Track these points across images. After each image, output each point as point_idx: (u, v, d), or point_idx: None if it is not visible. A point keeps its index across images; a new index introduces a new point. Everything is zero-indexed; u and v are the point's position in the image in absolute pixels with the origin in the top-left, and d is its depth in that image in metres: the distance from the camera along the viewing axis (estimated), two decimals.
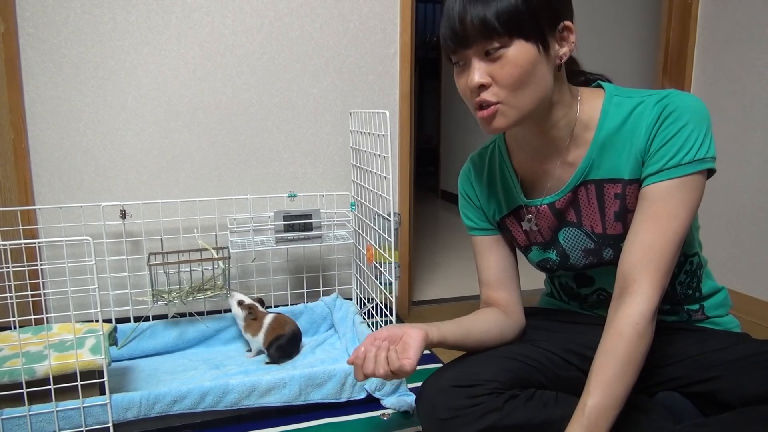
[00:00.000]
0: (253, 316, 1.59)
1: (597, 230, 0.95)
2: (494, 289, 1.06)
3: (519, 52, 0.81)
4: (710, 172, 0.86)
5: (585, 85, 0.97)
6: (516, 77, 0.82)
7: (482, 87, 0.84)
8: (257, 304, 1.62)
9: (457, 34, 0.82)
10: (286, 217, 1.68)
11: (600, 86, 0.95)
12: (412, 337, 0.89)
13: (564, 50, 0.86)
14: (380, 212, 1.61)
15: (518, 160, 1.01)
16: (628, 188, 0.90)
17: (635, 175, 0.89)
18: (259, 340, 1.57)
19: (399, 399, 1.35)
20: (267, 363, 1.57)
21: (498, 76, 0.82)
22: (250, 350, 1.63)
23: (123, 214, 1.63)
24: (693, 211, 0.85)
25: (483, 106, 0.85)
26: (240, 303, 1.61)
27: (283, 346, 1.56)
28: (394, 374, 0.87)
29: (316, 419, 1.31)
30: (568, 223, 0.98)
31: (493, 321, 1.02)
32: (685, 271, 0.99)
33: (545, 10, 0.81)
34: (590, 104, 0.92)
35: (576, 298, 1.09)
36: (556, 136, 0.93)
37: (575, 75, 0.97)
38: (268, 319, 1.58)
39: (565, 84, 0.91)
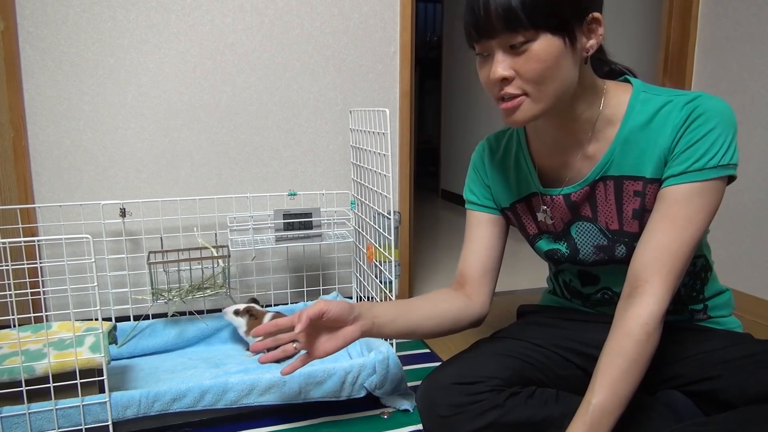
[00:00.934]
0: (254, 317, 1.58)
1: (612, 227, 0.94)
2: (470, 269, 1.05)
3: (544, 46, 0.79)
4: (730, 179, 0.85)
5: (609, 76, 0.95)
6: (540, 72, 0.80)
7: (505, 80, 0.82)
8: (254, 305, 1.62)
9: (480, 24, 0.80)
10: (286, 216, 1.68)
11: (627, 80, 0.93)
12: (345, 336, 0.92)
13: (591, 43, 0.84)
14: (380, 211, 1.61)
15: (536, 149, 1.00)
16: (649, 187, 0.89)
17: (657, 175, 0.87)
18: (257, 339, 1.56)
19: (399, 397, 1.34)
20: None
21: (522, 70, 0.81)
22: (248, 349, 1.63)
23: (123, 213, 1.63)
24: (711, 216, 0.84)
25: (506, 98, 0.83)
26: (237, 312, 1.59)
27: None
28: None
29: (316, 418, 1.30)
30: (582, 217, 0.97)
31: (446, 314, 1.01)
32: (689, 272, 0.99)
33: (570, 2, 0.79)
34: (616, 99, 0.90)
35: (578, 296, 1.09)
36: (577, 129, 0.91)
37: (600, 64, 0.95)
38: (267, 317, 1.58)
39: (590, 76, 0.89)
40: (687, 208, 0.83)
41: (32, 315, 1.62)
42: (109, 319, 1.62)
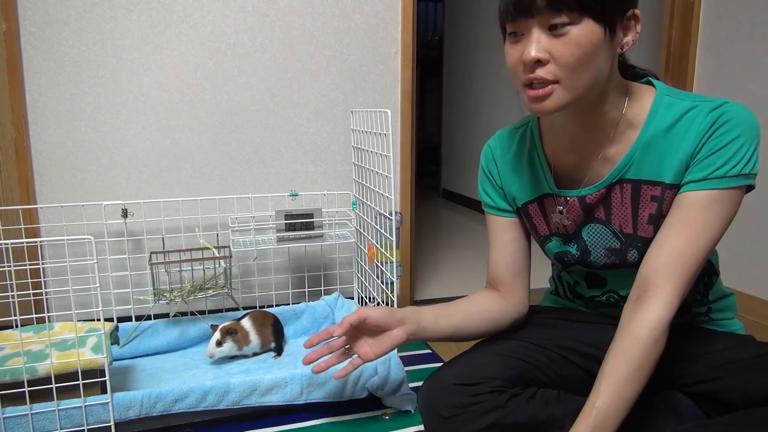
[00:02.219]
0: (236, 332, 1.52)
1: (626, 230, 0.93)
2: (500, 272, 1.04)
3: (585, 31, 0.77)
4: (748, 188, 0.85)
5: (633, 79, 0.94)
6: (578, 58, 0.77)
7: (538, 63, 0.79)
8: (223, 324, 1.53)
9: (522, 1, 0.77)
10: (287, 216, 1.68)
11: (650, 83, 0.92)
12: (391, 339, 0.96)
13: (628, 39, 0.83)
14: (382, 211, 1.61)
15: (551, 147, 0.98)
16: (667, 193, 0.87)
17: (677, 180, 0.86)
18: (256, 342, 1.56)
19: (401, 398, 1.34)
20: (276, 357, 1.57)
21: (558, 54, 0.78)
22: (248, 355, 1.61)
23: (124, 213, 1.63)
24: (727, 224, 0.83)
25: (535, 84, 0.80)
26: (219, 343, 1.50)
27: (278, 324, 1.60)
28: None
29: (318, 419, 1.31)
30: (595, 219, 0.95)
31: (486, 315, 1.02)
32: None
33: None
34: (639, 101, 0.89)
35: (581, 297, 1.08)
36: (600, 129, 0.90)
37: (624, 68, 0.94)
38: (246, 322, 1.55)
39: (617, 75, 0.87)
40: (705, 215, 0.82)
41: (34, 316, 1.62)
42: (111, 320, 1.62)
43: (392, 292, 1.54)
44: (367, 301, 1.85)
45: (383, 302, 1.68)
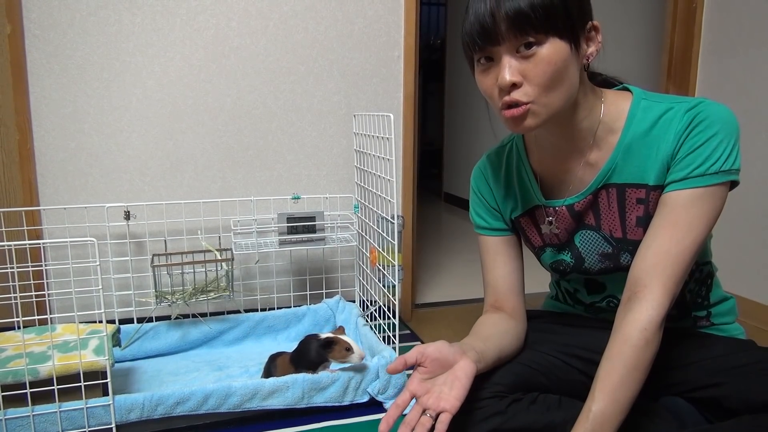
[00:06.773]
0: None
1: (616, 234, 0.94)
2: (504, 292, 1.04)
3: (553, 49, 0.79)
4: (733, 184, 0.85)
5: (602, 86, 0.95)
6: (550, 76, 0.79)
7: (513, 86, 0.81)
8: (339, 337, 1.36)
9: (487, 30, 0.79)
10: (289, 219, 1.68)
11: (626, 89, 0.93)
12: (464, 372, 0.83)
13: (591, 49, 0.85)
14: (384, 215, 1.61)
15: (537, 159, 1.00)
16: (652, 194, 0.88)
17: (660, 182, 0.87)
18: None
19: None
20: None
21: (531, 75, 0.80)
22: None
23: (127, 216, 1.64)
24: (713, 222, 0.84)
25: (512, 105, 0.82)
26: (348, 349, 1.33)
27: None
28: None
29: (319, 422, 1.30)
30: (586, 226, 0.97)
31: (512, 333, 1.00)
32: (695, 279, 0.98)
33: (577, 8, 0.80)
34: (615, 106, 0.91)
35: (581, 303, 1.08)
36: (578, 137, 0.91)
37: (592, 76, 0.95)
38: (352, 343, 1.35)
39: (587, 84, 0.89)
40: (689, 214, 0.83)
41: (36, 317, 1.61)
42: (113, 322, 1.62)
43: (394, 295, 1.55)
44: (369, 304, 1.85)
45: (384, 305, 1.68)
